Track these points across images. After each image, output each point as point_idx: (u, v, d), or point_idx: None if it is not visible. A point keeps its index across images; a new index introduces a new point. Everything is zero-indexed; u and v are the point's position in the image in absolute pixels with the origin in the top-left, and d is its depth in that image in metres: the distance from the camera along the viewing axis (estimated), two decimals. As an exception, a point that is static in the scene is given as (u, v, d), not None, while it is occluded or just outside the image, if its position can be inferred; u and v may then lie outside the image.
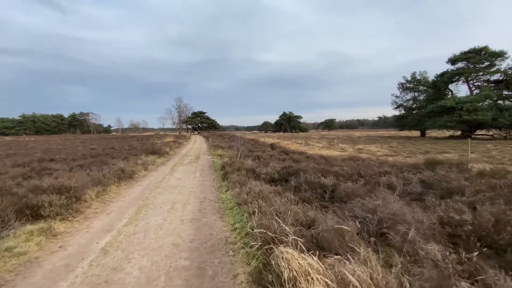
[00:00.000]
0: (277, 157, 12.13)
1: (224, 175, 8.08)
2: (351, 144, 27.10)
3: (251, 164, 9.54)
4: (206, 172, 9.65)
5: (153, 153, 15.44)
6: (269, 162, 10.19)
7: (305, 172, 6.74)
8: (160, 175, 9.06)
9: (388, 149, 19.80)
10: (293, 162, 10.05)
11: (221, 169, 9.68)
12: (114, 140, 39.86)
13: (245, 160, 11.19)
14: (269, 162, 10.19)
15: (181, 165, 11.64)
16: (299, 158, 11.02)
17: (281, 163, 9.71)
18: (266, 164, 9.28)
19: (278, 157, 12.01)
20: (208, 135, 44.97)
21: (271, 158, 11.80)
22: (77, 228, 4.33)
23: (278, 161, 10.57)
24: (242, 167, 8.35)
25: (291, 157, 11.57)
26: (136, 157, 13.36)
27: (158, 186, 7.30)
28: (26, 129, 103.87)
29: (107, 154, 16.05)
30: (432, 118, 28.63)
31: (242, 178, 7.05)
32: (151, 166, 11.13)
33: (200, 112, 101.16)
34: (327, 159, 11.43)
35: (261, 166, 8.83)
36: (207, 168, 10.65)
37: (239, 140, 12.44)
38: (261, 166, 9.16)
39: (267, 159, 11.48)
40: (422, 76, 37.97)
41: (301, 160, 10.92)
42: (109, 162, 11.31)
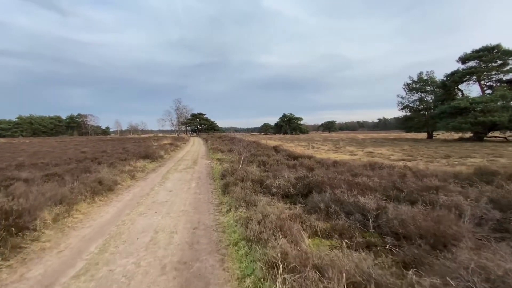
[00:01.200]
0: (284, 163, 10.63)
1: (225, 186, 6.58)
2: (358, 146, 25.63)
3: (256, 172, 8.04)
4: (203, 181, 8.15)
5: (146, 157, 13.93)
6: (278, 169, 8.70)
7: (330, 185, 5.25)
8: (148, 186, 7.55)
9: (402, 153, 18.32)
10: (306, 170, 8.57)
11: (221, 177, 8.18)
12: (110, 143, 38.34)
13: (248, 166, 9.70)
14: (278, 169, 8.70)
15: (175, 172, 10.13)
16: (311, 165, 9.52)
17: (292, 171, 8.21)
18: (275, 172, 7.78)
19: (286, 163, 10.51)
20: (207, 137, 43.49)
21: (278, 164, 10.30)
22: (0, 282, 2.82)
23: (288, 168, 9.08)
24: (246, 176, 6.85)
25: (300, 162, 10.07)
26: (125, 162, 11.86)
27: (142, 203, 5.78)
28: (22, 131, 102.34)
29: (95, 159, 14.55)
30: (444, 120, 27.10)
31: (248, 193, 5.55)
32: (140, 173, 9.62)
33: (199, 114, 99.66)
34: (343, 165, 9.94)
35: (269, 175, 7.34)
36: (204, 176, 9.15)
37: (241, 143, 10.92)
38: (269, 174, 7.66)
39: (274, 165, 9.98)
40: (429, 76, 36.54)
41: (313, 166, 9.42)
42: (92, 169, 9.82)
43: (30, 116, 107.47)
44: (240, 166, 9.15)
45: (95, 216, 4.98)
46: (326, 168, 9.40)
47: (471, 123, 23.75)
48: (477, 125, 23.71)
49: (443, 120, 27.18)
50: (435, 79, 36.09)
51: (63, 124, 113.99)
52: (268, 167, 9.60)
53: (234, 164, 11.04)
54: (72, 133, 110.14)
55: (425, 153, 17.52)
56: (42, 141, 53.44)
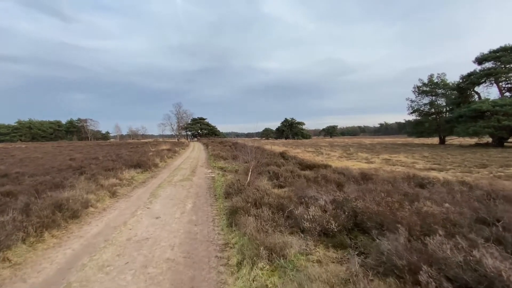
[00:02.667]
0: (301, 174, 8.79)
1: (232, 213, 4.75)
2: (371, 153, 23.78)
3: (271, 190, 6.21)
4: (201, 201, 6.32)
5: (137, 166, 12.13)
6: (297, 184, 6.86)
7: (395, 219, 3.43)
8: (129, 209, 5.72)
9: (425, 160, 16.43)
10: (333, 185, 6.73)
11: (225, 195, 6.35)
12: (107, 148, 36.69)
13: (258, 178, 7.88)
14: (297, 184, 6.86)
15: (169, 186, 8.32)
16: (334, 178, 7.67)
17: (314, 186, 6.39)
18: (297, 190, 5.95)
19: (304, 175, 8.67)
20: (208, 143, 41.73)
21: (294, 175, 8.46)
22: None
23: (308, 182, 7.23)
24: (261, 198, 5.02)
25: (321, 174, 8.21)
26: (111, 172, 10.07)
27: (112, 241, 3.95)
28: (21, 136, 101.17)
29: (80, 168, 12.78)
30: (463, 124, 25.21)
31: (268, 229, 3.74)
32: (125, 188, 7.80)
33: (200, 119, 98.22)
34: (374, 178, 8.09)
35: (290, 194, 5.50)
36: (204, 192, 7.32)
37: (249, 150, 9.08)
38: (288, 192, 5.83)
39: (289, 177, 8.15)
40: (440, 78, 34.83)
41: (339, 180, 7.57)
42: (67, 183, 8.04)
43: (29, 120, 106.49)
44: (248, 179, 7.34)
45: (30, 270, 3.16)
46: (355, 182, 7.56)
47: (494, 127, 21.91)
48: (501, 129, 21.85)
49: (462, 124, 25.29)
50: (447, 82, 34.40)
51: (62, 129, 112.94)
52: (283, 180, 7.77)
53: (240, 176, 9.23)
54: (71, 138, 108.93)
55: (452, 161, 15.64)
56: (38, 146, 51.88)
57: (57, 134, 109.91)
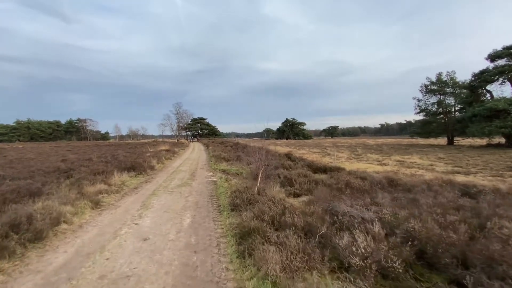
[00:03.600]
0: (317, 180, 7.65)
1: (243, 236, 3.61)
2: (380, 154, 22.61)
3: (290, 202, 5.07)
4: (202, 214, 5.19)
5: (131, 168, 10.99)
6: (316, 192, 5.72)
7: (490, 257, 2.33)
8: (111, 226, 4.59)
9: (443, 162, 15.26)
10: (357, 194, 5.59)
11: (231, 207, 5.22)
12: (105, 148, 35.57)
13: (267, 184, 6.75)
14: (316, 192, 5.72)
15: (164, 192, 7.19)
16: (358, 184, 6.53)
17: (345, 197, 5.25)
18: (322, 203, 4.81)
19: (321, 180, 7.52)
20: (208, 143, 40.61)
21: (308, 180, 7.30)
22: None
23: (328, 189, 6.09)
24: (280, 216, 3.88)
25: (344, 181, 7.05)
26: (100, 177, 8.94)
27: (77, 284, 2.82)
28: (20, 136, 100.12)
29: (69, 170, 11.69)
30: (476, 124, 24.04)
31: (298, 265, 2.61)
32: (112, 196, 6.66)
33: (200, 119, 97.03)
34: (402, 183, 6.94)
35: (315, 209, 4.37)
36: (204, 201, 6.19)
37: (257, 152, 7.86)
38: (311, 206, 4.68)
39: (304, 183, 7.00)
40: (449, 76, 33.67)
41: (366, 187, 6.43)
42: (45, 189, 6.92)
43: (27, 120, 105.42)
44: (257, 186, 6.20)
45: None
46: (382, 188, 6.42)
47: (511, 127, 20.76)
48: (519, 129, 20.70)
49: (476, 124, 24.09)
50: (456, 80, 33.22)
51: (62, 129, 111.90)
52: (298, 187, 6.62)
53: (246, 181, 8.09)
54: (70, 138, 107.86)
55: (473, 163, 14.45)
56: (35, 147, 50.79)
57: (56, 134, 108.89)
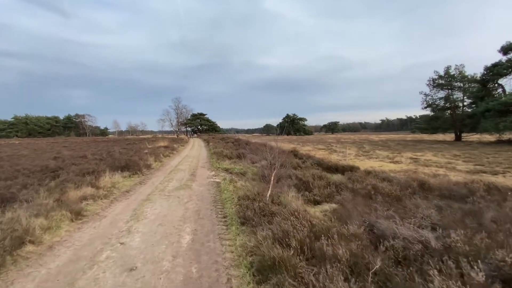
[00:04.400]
0: (334, 182, 6.66)
1: (263, 272, 2.65)
2: (389, 150, 21.62)
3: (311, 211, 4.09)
4: (206, 228, 4.22)
5: (125, 168, 10.00)
6: (345, 201, 4.73)
7: None
8: (89, 248, 3.60)
9: (461, 160, 14.28)
10: (396, 202, 4.60)
11: (242, 221, 4.25)
12: (102, 144, 34.52)
13: (281, 189, 5.76)
14: (345, 201, 4.73)
15: (160, 197, 6.21)
16: (393, 191, 5.54)
17: (385, 208, 4.27)
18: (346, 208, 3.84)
19: (339, 182, 6.53)
20: (209, 139, 39.57)
21: (326, 184, 6.32)
22: None
23: (358, 196, 5.11)
24: (314, 241, 2.91)
25: (371, 184, 6.07)
26: (89, 177, 7.96)
27: None
28: (17, 131, 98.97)
29: (59, 169, 10.73)
30: (490, 119, 23.01)
31: None
32: (98, 203, 5.67)
33: (200, 114, 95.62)
34: (434, 187, 5.96)
35: (357, 230, 3.39)
36: (208, 211, 5.22)
37: (268, 152, 6.74)
38: (334, 212, 3.70)
39: (323, 187, 6.01)
40: (458, 70, 32.45)
41: (397, 192, 5.44)
42: (20, 195, 5.95)
43: (25, 116, 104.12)
44: (270, 192, 5.21)
45: None
46: (413, 193, 5.43)
47: (528, 122, 19.73)
48: (535, 125, 19.68)
49: (490, 120, 23.06)
50: (465, 74, 32.01)
51: (60, 125, 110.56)
52: (318, 192, 5.63)
53: (254, 183, 7.10)
54: (69, 134, 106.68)
55: (494, 161, 13.44)
56: (32, 143, 49.73)
57: (55, 130, 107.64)
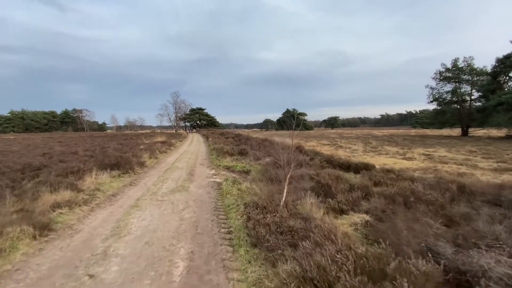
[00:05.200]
0: (354, 184, 5.69)
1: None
2: (397, 146, 20.67)
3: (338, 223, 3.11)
4: (205, 249, 3.24)
5: (115, 166, 8.99)
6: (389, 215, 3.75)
7: None
8: (48, 281, 2.64)
9: (479, 157, 13.32)
10: (440, 209, 3.63)
11: (253, 240, 3.28)
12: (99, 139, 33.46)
13: (294, 192, 4.78)
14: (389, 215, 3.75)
15: (151, 203, 5.22)
16: (433, 197, 4.56)
17: (435, 220, 3.29)
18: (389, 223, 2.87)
19: (360, 184, 5.55)
20: (208, 134, 38.48)
21: (349, 186, 5.35)
22: None
23: (393, 205, 4.14)
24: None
25: (408, 188, 5.07)
26: (72, 177, 6.97)
27: None
28: (14, 127, 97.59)
29: (42, 167, 9.72)
30: (503, 113, 21.98)
31: None
32: (76, 211, 4.67)
33: (199, 109, 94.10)
34: (481, 192, 4.99)
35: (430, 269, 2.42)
36: (207, 222, 4.25)
37: (280, 149, 5.70)
38: (371, 228, 2.73)
39: (345, 190, 5.02)
40: (466, 62, 31.27)
41: (439, 199, 4.46)
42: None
43: (22, 111, 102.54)
44: (284, 198, 4.24)
45: None
46: (453, 199, 4.45)
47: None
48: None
49: (502, 114, 22.08)
50: (474, 67, 30.85)
51: (57, 120, 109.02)
52: (342, 198, 4.63)
53: (261, 185, 6.11)
54: (66, 129, 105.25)
55: None
56: (27, 138, 48.55)
57: (52, 125, 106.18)
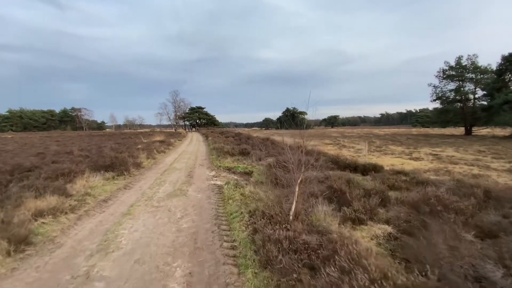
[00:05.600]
0: (364, 187, 5.19)
1: None
2: (401, 146, 20.19)
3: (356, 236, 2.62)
4: (206, 269, 2.75)
5: (109, 167, 8.47)
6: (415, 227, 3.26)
7: None
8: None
9: (490, 157, 12.83)
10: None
11: (262, 260, 2.79)
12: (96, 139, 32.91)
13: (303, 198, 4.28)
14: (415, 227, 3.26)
15: (146, 210, 4.73)
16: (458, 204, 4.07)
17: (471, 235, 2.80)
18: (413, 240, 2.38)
19: (373, 188, 5.06)
20: (208, 133, 37.95)
21: (364, 191, 4.85)
22: None
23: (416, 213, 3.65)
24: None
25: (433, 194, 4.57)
26: (61, 180, 6.47)
27: None
28: (12, 125, 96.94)
29: (35, 168, 9.23)
30: (510, 112, 21.40)
31: None
32: (61, 220, 4.17)
33: (198, 108, 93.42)
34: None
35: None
36: (208, 234, 3.75)
37: (289, 152, 5.13)
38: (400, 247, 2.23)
39: (360, 196, 4.52)
40: (470, 60, 30.76)
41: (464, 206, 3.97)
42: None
43: (20, 110, 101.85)
44: (293, 207, 3.76)
45: None
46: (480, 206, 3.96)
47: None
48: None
49: (509, 112, 21.57)
50: (478, 65, 30.34)
51: (56, 119, 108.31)
52: (359, 206, 4.12)
53: (264, 187, 5.62)
54: (65, 127, 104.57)
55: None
56: (25, 137, 47.98)
57: (50, 124, 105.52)
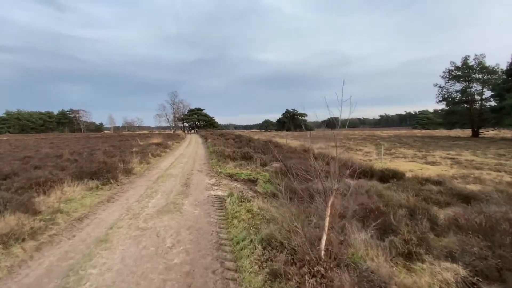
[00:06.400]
0: (408, 207, 4.19)
1: None
2: (411, 149, 19.24)
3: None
4: None
5: (95, 175, 7.44)
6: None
7: None
8: None
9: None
10: None
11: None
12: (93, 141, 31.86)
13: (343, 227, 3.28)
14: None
15: (129, 233, 3.73)
16: None
17: None
18: None
19: (409, 205, 4.07)
20: (207, 135, 36.91)
21: (404, 211, 3.86)
22: None
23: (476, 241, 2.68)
24: None
25: (508, 218, 3.59)
26: (34, 191, 5.45)
27: None
28: (9, 127, 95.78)
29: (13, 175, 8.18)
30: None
31: None
32: (12, 252, 3.16)
33: (197, 109, 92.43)
34: None
35: None
36: (207, 274, 2.75)
37: (315, 164, 4.13)
38: None
39: (404, 216, 3.53)
40: (478, 60, 29.92)
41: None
42: None
43: (18, 111, 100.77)
44: (325, 237, 2.78)
45: None
46: None
47: None
48: None
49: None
50: (486, 65, 29.50)
51: (53, 120, 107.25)
52: (407, 235, 3.12)
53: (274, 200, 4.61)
54: (62, 129, 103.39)
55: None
56: (20, 139, 46.82)
57: (48, 126, 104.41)
